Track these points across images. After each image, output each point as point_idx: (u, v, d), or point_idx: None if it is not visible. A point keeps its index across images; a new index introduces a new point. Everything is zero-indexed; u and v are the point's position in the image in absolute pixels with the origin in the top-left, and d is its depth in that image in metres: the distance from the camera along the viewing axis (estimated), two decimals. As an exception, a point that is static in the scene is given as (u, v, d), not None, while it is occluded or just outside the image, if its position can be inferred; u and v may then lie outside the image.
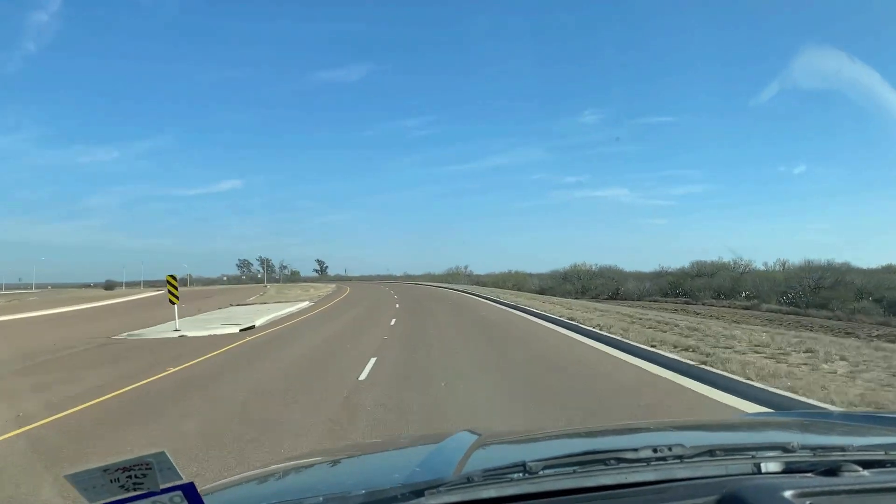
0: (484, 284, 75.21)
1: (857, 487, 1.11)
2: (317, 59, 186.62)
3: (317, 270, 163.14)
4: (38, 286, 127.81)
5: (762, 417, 3.07)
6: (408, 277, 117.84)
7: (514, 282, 76.46)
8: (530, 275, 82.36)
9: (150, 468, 0.96)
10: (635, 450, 1.29)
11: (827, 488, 1.09)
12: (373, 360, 11.38)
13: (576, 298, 47.58)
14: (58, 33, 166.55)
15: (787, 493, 1.04)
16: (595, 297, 54.39)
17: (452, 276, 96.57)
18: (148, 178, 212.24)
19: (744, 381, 7.81)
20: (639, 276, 65.38)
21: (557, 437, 2.17)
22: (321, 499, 1.16)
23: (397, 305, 30.91)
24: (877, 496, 1.10)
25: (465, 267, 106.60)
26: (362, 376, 9.71)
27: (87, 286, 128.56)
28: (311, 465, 1.94)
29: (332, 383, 9.28)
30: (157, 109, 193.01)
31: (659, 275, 62.52)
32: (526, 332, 17.19)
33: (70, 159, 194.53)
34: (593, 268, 71.70)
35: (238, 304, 35.70)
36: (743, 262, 58.54)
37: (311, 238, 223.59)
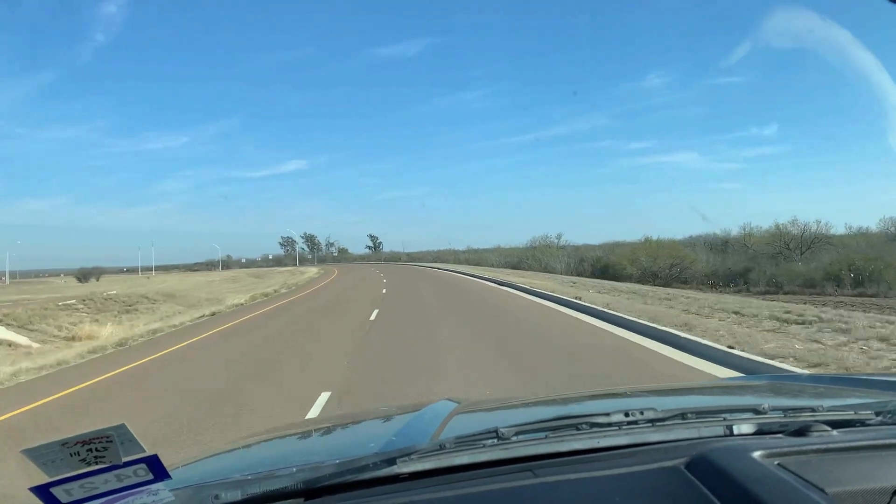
0: (615, 275, 37.81)
1: (825, 447, 1.09)
2: (375, 36, 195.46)
3: (369, 247, 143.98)
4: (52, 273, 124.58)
5: (734, 381, 2.98)
6: (472, 253, 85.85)
7: (672, 258, 39.61)
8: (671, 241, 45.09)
9: (111, 441, 0.98)
10: (607, 414, 1.28)
11: (795, 448, 1.07)
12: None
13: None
14: (125, 24, 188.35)
15: (756, 454, 1.01)
16: None
17: (540, 251, 59.35)
18: (215, 162, 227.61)
19: None
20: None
21: (533, 403, 2.15)
22: (294, 469, 1.19)
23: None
24: (845, 455, 1.07)
25: (558, 237, 68.38)
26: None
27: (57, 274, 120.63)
28: (285, 437, 1.99)
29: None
30: (223, 94, 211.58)
31: None
32: None
33: (141, 146, 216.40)
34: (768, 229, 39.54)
35: None
36: None
37: (371, 216, 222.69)
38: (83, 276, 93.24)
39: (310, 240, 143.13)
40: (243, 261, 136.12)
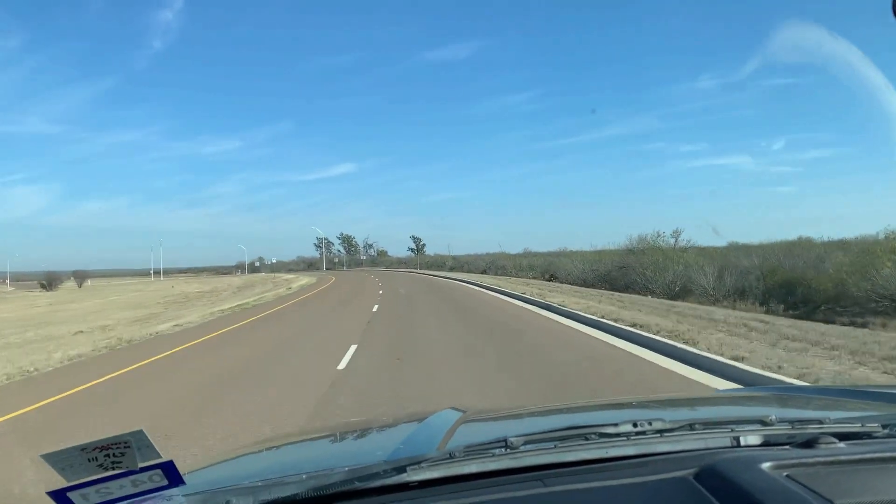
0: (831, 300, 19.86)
1: (832, 459, 1.09)
2: (424, 39, 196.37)
3: (412, 249, 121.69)
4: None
5: (742, 392, 3.01)
6: (536, 257, 56.52)
7: None
8: None
9: (129, 447, 1.02)
10: (615, 424, 1.29)
11: (803, 460, 1.08)
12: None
13: None
14: (180, 31, 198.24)
15: (764, 466, 1.01)
16: None
17: (666, 255, 31.53)
18: (267, 165, 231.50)
19: None
20: None
21: (540, 413, 2.15)
22: (304, 476, 1.20)
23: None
24: (852, 467, 1.07)
25: (676, 234, 39.43)
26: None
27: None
28: (294, 444, 2.02)
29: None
30: (275, 99, 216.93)
31: None
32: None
33: (196, 150, 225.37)
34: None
35: None
36: None
37: (419, 218, 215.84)
38: (49, 281, 73.19)
39: (346, 241, 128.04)
40: (256, 264, 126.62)
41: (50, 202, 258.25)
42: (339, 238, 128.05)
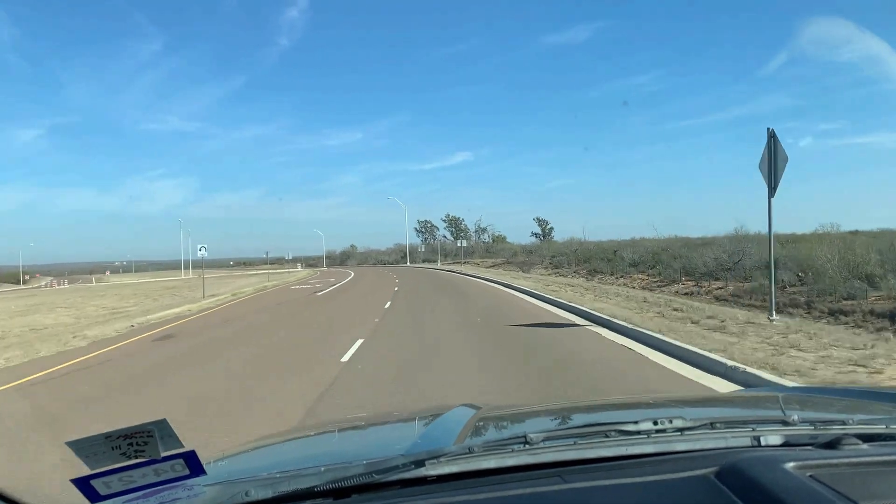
0: None
1: (856, 460, 1.08)
2: (543, 23, 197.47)
3: (536, 234, 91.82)
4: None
5: (762, 392, 2.98)
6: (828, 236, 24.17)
7: None
8: None
9: (152, 436, 1.03)
10: (636, 422, 1.28)
11: (827, 461, 1.06)
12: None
13: None
14: (304, 29, 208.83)
15: (788, 466, 1.00)
16: None
17: None
18: (386, 156, 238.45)
19: None
20: None
21: (558, 411, 2.13)
22: (322, 469, 1.21)
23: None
24: (876, 469, 1.06)
25: None
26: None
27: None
28: (312, 437, 2.03)
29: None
30: (394, 90, 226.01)
31: None
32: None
33: (319, 142, 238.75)
34: None
35: None
36: None
37: (537, 204, 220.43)
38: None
39: (453, 224, 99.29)
40: (294, 257, 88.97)
41: (186, 195, 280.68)
42: (444, 221, 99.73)
